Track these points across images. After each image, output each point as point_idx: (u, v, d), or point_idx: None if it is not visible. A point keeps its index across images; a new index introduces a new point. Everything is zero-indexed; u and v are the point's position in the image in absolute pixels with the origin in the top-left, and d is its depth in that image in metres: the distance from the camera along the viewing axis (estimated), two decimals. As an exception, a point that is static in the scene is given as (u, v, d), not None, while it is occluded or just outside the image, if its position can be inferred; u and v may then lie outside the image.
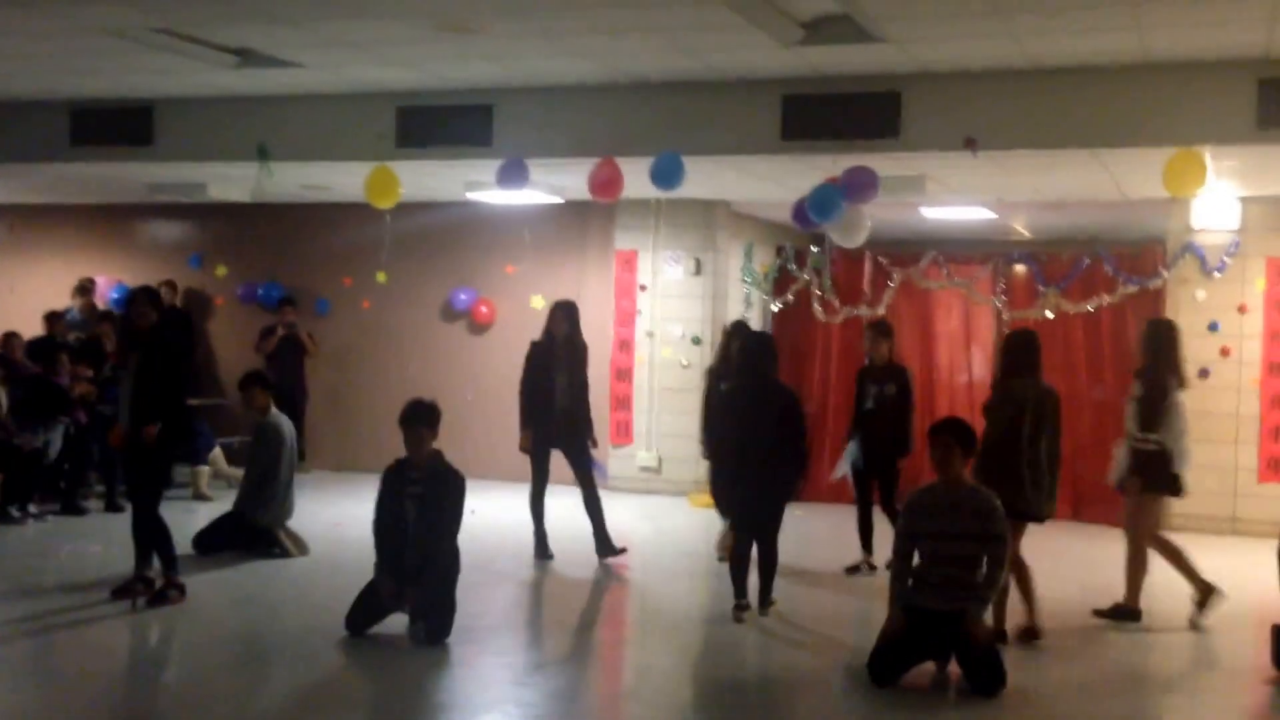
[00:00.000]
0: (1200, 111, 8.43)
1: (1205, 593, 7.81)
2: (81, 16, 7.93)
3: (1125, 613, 7.82)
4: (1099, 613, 7.82)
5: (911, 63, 8.56)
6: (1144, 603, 7.95)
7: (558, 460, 9.26)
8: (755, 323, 12.32)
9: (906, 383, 9.06)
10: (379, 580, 6.98)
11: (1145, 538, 7.77)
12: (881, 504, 9.00)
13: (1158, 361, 7.70)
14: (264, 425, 9.32)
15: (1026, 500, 7.04)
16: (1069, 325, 11.64)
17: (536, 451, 9.23)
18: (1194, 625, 7.56)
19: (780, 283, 12.75)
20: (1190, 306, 11.20)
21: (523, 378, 9.31)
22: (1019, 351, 7.34)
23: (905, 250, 12.54)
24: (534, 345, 9.36)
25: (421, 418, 7.03)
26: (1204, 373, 11.14)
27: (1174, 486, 7.72)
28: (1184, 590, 9.07)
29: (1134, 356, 7.97)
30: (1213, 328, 11.19)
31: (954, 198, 11.39)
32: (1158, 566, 8.46)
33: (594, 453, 9.39)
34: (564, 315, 9.30)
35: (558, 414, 9.15)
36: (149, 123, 10.71)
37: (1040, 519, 7.22)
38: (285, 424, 9.43)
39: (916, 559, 6.40)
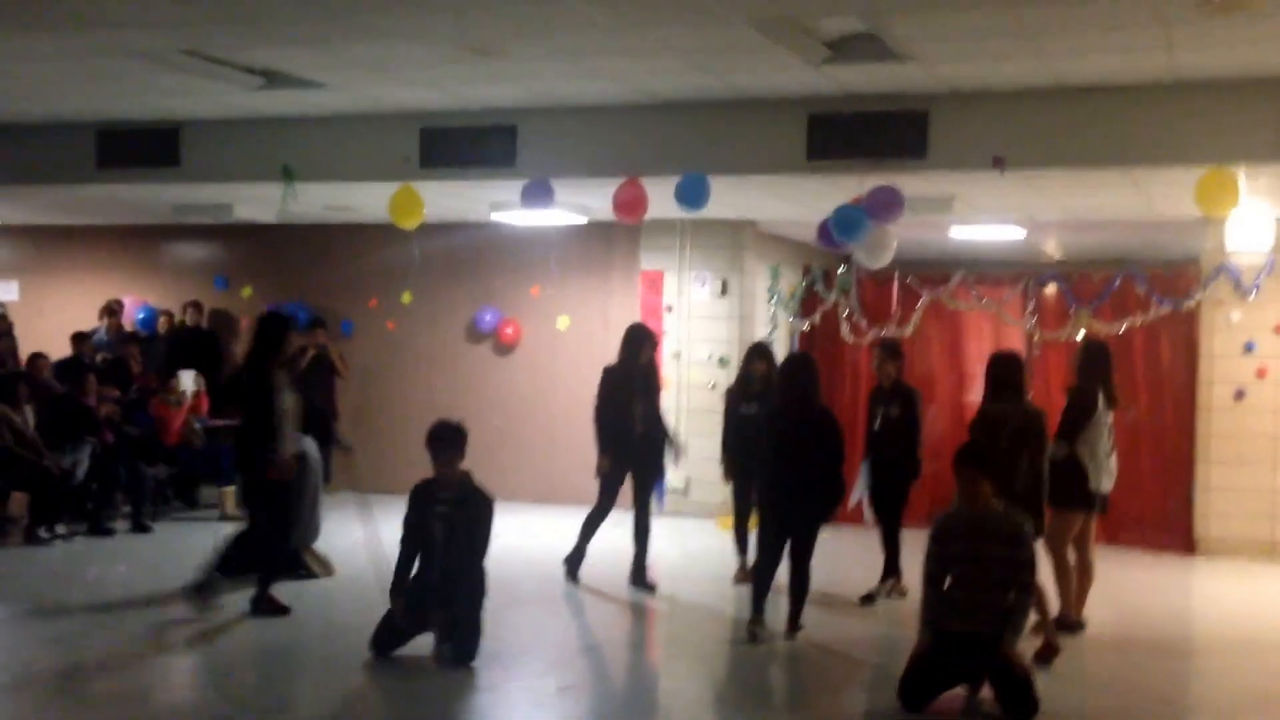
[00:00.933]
0: (1231, 130, 8.32)
1: (1066, 625, 7.73)
2: (109, 39, 7.96)
3: (1064, 625, 7.73)
4: (1036, 627, 7.65)
5: (939, 82, 8.50)
6: (1179, 630, 7.82)
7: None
8: (780, 344, 12.24)
9: (911, 404, 8.92)
10: (392, 599, 6.93)
11: (1059, 549, 7.77)
12: (883, 529, 8.90)
13: (1090, 379, 7.80)
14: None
15: None
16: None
17: (611, 477, 9.09)
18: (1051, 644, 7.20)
19: (807, 303, 12.67)
20: (1225, 328, 11.05)
21: (598, 403, 9.11)
22: (999, 373, 7.55)
23: (934, 271, 12.45)
24: (608, 371, 9.16)
25: (449, 439, 6.99)
26: (1240, 394, 10.99)
27: (1086, 501, 7.74)
28: (1216, 615, 8.95)
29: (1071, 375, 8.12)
30: (1248, 348, 11.03)
31: (983, 217, 11.30)
32: (1198, 591, 8.37)
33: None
34: (651, 342, 9.20)
35: (635, 439, 9.01)
36: (175, 144, 10.75)
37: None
38: (309, 445, 9.39)
39: (947, 583, 6.32)
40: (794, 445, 7.52)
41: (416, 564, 6.99)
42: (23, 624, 7.75)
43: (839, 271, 12.41)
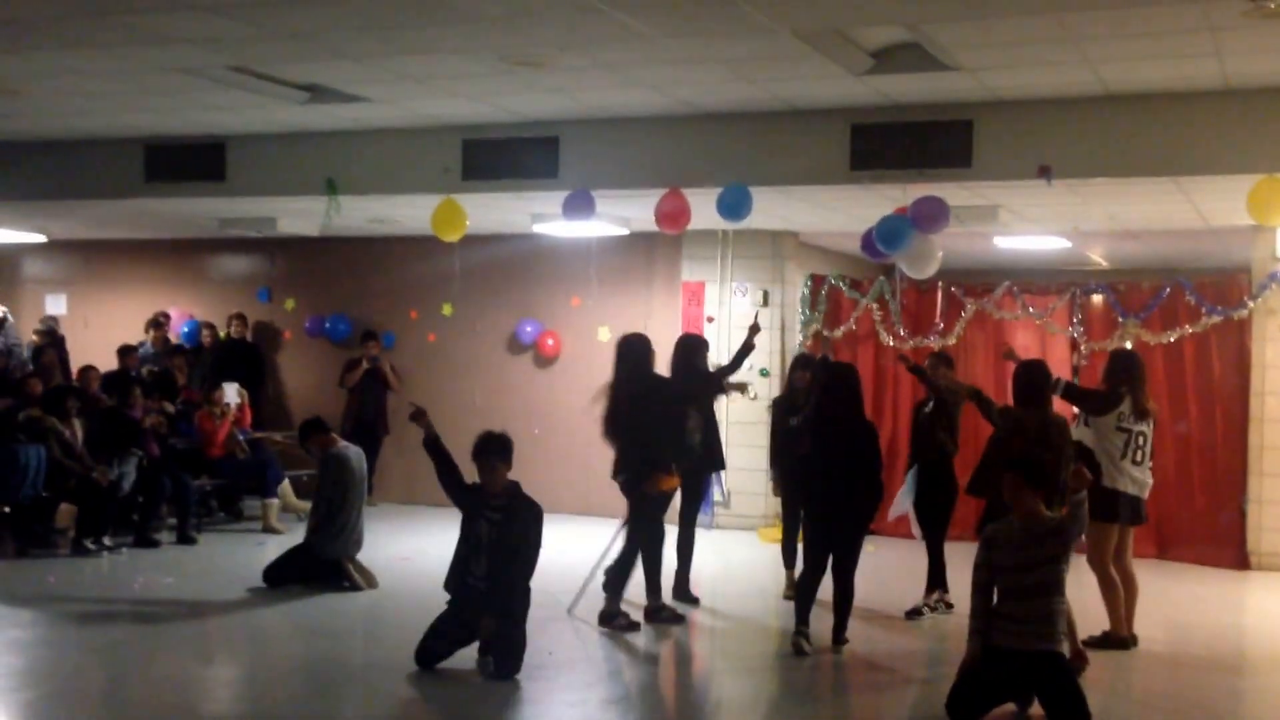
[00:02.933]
0: (1284, 137, 8.22)
1: (1116, 641, 7.69)
2: (156, 56, 8.05)
3: (1114, 641, 7.70)
4: (1087, 642, 7.58)
5: (984, 90, 8.42)
6: (1232, 645, 7.69)
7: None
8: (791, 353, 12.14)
9: (950, 413, 8.83)
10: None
11: (1102, 564, 7.70)
12: (928, 541, 8.83)
13: (1116, 385, 7.79)
14: (330, 457, 9.30)
15: None
16: (1150, 357, 11.30)
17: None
18: (1080, 654, 7.18)
19: (832, 312, 12.57)
20: (1277, 337, 10.87)
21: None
22: (1021, 382, 7.59)
23: (978, 280, 12.34)
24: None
25: (494, 450, 7.03)
26: (1292, 405, 10.81)
27: (1109, 507, 7.62)
28: (1270, 631, 8.82)
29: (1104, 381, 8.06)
30: (1301, 357, 10.85)
31: (1028, 227, 11.19)
32: (1252, 606, 8.17)
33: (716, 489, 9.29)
34: (705, 349, 9.14)
35: (691, 452, 8.80)
36: (222, 159, 10.84)
37: None
38: (354, 455, 9.41)
39: (995, 595, 6.25)
40: (834, 456, 7.51)
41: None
42: (70, 633, 7.80)
43: (878, 280, 12.33)
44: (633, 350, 8.45)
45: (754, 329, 8.80)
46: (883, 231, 8.75)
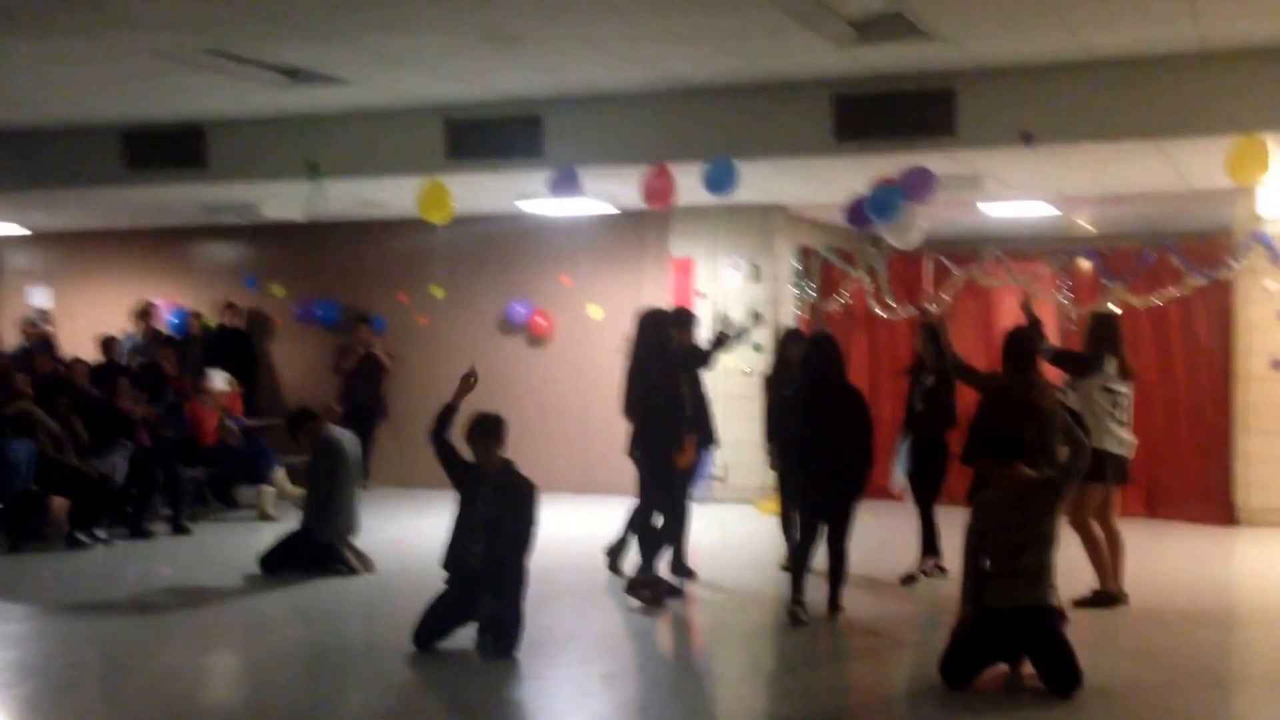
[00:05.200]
0: (1261, 97, 8.28)
1: (1106, 598, 7.78)
2: (133, 41, 8.01)
3: (1104, 599, 7.79)
4: (1079, 603, 7.64)
5: (966, 59, 8.44)
6: (1222, 601, 7.76)
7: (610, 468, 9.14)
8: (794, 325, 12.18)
9: (948, 381, 8.89)
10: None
11: (1083, 522, 7.77)
12: (919, 508, 8.86)
13: (1097, 348, 7.89)
14: (322, 442, 9.30)
15: None
16: (1136, 320, 11.37)
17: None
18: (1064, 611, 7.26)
19: (826, 283, 12.62)
20: (1261, 297, 10.93)
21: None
22: (1011, 346, 7.72)
23: (965, 248, 12.38)
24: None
25: (487, 431, 7.07)
26: (1277, 363, 10.87)
27: (1096, 468, 7.54)
28: (1258, 586, 8.89)
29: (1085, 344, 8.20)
30: (1285, 316, 10.91)
31: (1013, 194, 11.23)
32: (1239, 562, 8.22)
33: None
34: (681, 322, 9.09)
35: (687, 423, 8.74)
36: (202, 144, 10.80)
37: None
38: (345, 439, 9.41)
39: (987, 560, 6.30)
40: (824, 426, 7.56)
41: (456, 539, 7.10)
42: (66, 626, 7.81)
43: (869, 250, 12.37)
44: (642, 325, 8.51)
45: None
46: (874, 202, 8.77)
